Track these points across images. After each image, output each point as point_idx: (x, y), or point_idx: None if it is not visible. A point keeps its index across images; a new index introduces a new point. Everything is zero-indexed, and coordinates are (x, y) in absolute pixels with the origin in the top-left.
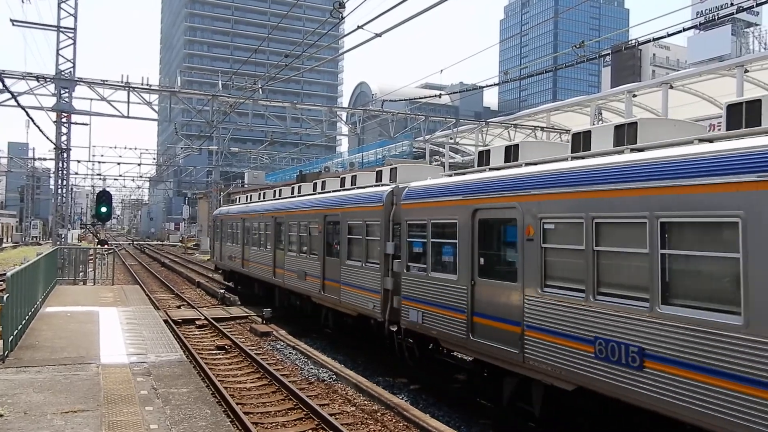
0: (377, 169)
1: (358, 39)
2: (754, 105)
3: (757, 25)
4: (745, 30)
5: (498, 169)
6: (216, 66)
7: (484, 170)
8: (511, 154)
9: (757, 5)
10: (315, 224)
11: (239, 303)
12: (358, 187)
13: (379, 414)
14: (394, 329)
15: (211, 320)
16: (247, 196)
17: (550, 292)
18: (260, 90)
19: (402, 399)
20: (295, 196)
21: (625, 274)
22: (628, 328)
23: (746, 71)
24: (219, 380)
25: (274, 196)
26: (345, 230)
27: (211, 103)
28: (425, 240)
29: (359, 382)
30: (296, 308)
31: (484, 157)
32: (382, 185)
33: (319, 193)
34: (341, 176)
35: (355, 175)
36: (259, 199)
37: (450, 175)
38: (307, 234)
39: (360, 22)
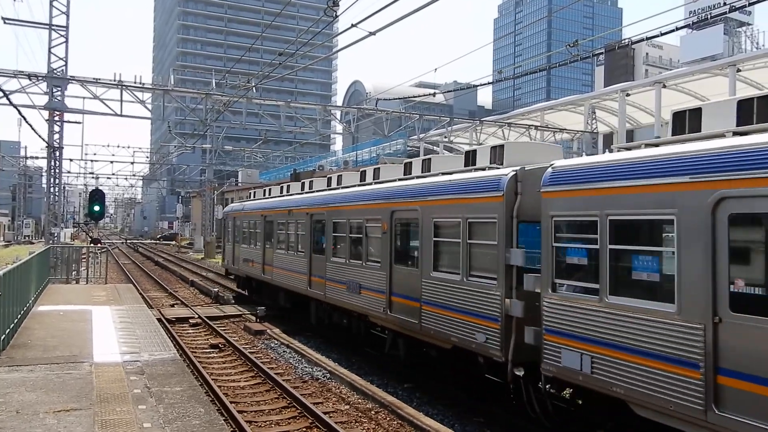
0: (466, 150)
1: (352, 37)
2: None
3: (749, 24)
4: (738, 29)
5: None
6: (209, 64)
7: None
8: None
9: (749, 5)
10: (375, 222)
11: (233, 302)
12: (438, 174)
13: (373, 412)
14: (521, 373)
15: (205, 319)
16: (265, 190)
17: None
18: (254, 88)
19: (396, 397)
20: (337, 188)
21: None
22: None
23: (738, 70)
24: (212, 379)
25: (304, 189)
26: (428, 230)
27: (204, 101)
28: (595, 245)
29: (353, 381)
30: (342, 327)
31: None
32: (481, 169)
33: (375, 182)
34: (404, 162)
35: (430, 159)
36: (284, 193)
37: (628, 149)
38: (363, 235)
39: (354, 21)
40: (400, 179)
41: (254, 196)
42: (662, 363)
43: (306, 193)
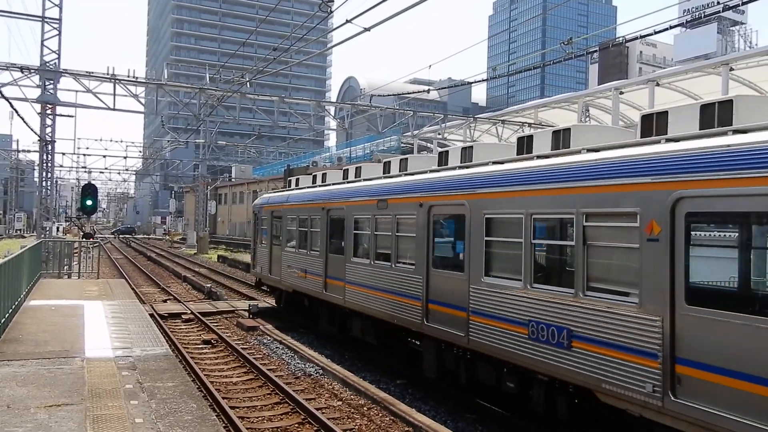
0: (519, 137)
1: (346, 33)
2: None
3: (742, 23)
4: (731, 28)
5: None
6: (203, 59)
7: None
8: None
9: (742, 4)
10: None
11: (225, 297)
12: (487, 164)
13: (365, 408)
14: None
15: (198, 314)
16: (317, 176)
17: None
18: (248, 83)
19: (388, 393)
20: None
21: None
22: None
23: (731, 69)
24: (205, 374)
25: (408, 169)
26: (479, 227)
27: (198, 96)
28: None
29: (346, 377)
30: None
31: None
32: (544, 157)
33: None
34: (439, 152)
35: (471, 147)
36: (358, 177)
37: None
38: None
39: (349, 16)
40: (433, 170)
41: (297, 184)
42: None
43: (404, 176)
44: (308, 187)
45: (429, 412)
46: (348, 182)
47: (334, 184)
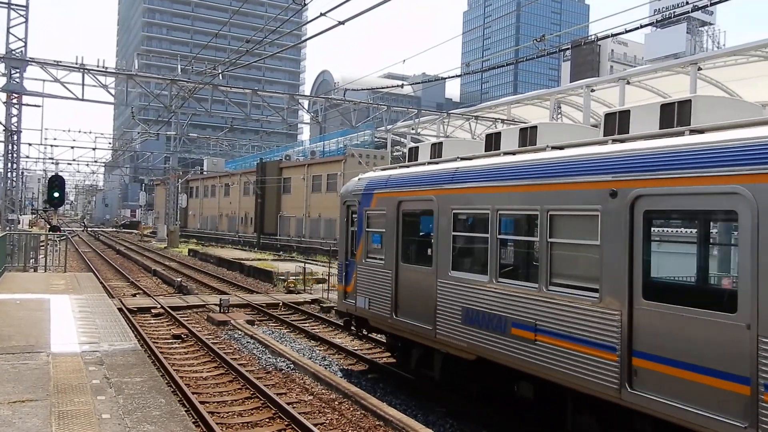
0: None
1: (320, 26)
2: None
3: (711, 24)
4: (700, 29)
5: None
6: (175, 50)
7: None
8: None
9: (712, 4)
10: None
11: (196, 292)
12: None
13: (336, 403)
14: None
15: (168, 309)
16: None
17: None
18: (220, 75)
19: (360, 388)
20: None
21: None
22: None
23: (700, 69)
24: (174, 369)
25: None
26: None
27: (169, 87)
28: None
29: (317, 371)
30: None
31: None
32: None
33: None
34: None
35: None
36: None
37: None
38: None
39: (323, 10)
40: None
41: (438, 153)
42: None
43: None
44: (483, 157)
45: (400, 406)
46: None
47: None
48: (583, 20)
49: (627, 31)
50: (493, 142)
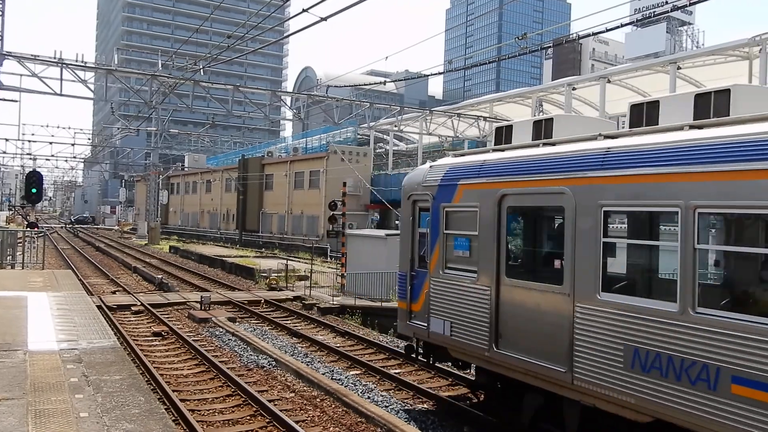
0: None
1: (303, 22)
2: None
3: (690, 24)
4: (679, 28)
5: None
6: (156, 45)
7: None
8: None
9: (691, 4)
10: None
11: (177, 289)
12: None
13: (318, 400)
14: None
15: (148, 306)
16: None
17: None
18: (202, 71)
19: (342, 385)
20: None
21: None
22: None
23: (679, 68)
24: (155, 367)
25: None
26: None
27: (149, 82)
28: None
29: (299, 369)
30: None
31: None
32: None
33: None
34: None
35: None
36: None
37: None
38: None
39: (305, 6)
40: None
41: (548, 132)
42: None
43: None
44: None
45: (381, 403)
46: None
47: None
48: (565, 19)
49: (607, 30)
50: (644, 113)
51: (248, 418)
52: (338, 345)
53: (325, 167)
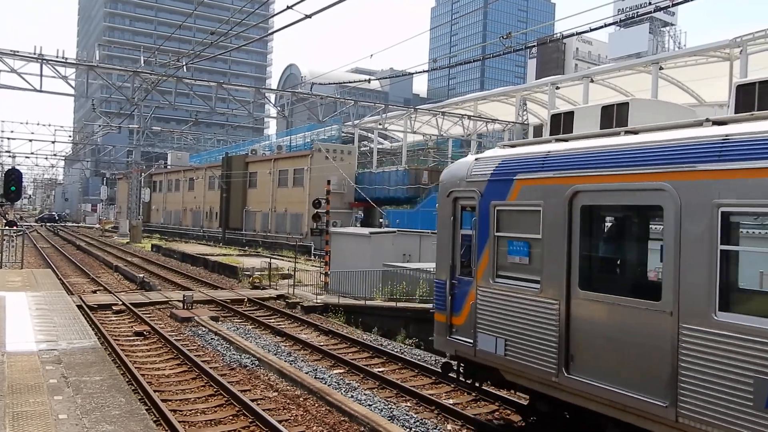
0: None
1: (287, 19)
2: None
3: (672, 24)
4: (662, 29)
5: None
6: (138, 41)
7: None
8: None
9: (673, 5)
10: None
11: (159, 288)
12: None
13: (301, 399)
14: None
15: (129, 305)
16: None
17: None
18: (185, 68)
19: (325, 384)
20: None
21: None
22: None
23: (661, 68)
24: (136, 367)
25: None
26: None
27: (132, 79)
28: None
29: (282, 368)
30: None
31: None
32: None
33: None
34: None
35: None
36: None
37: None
38: None
39: (290, 2)
40: None
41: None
42: None
43: None
44: None
45: (365, 402)
46: None
47: None
48: (549, 18)
49: (591, 30)
50: (757, 95)
51: (231, 417)
52: (322, 344)
53: (310, 165)
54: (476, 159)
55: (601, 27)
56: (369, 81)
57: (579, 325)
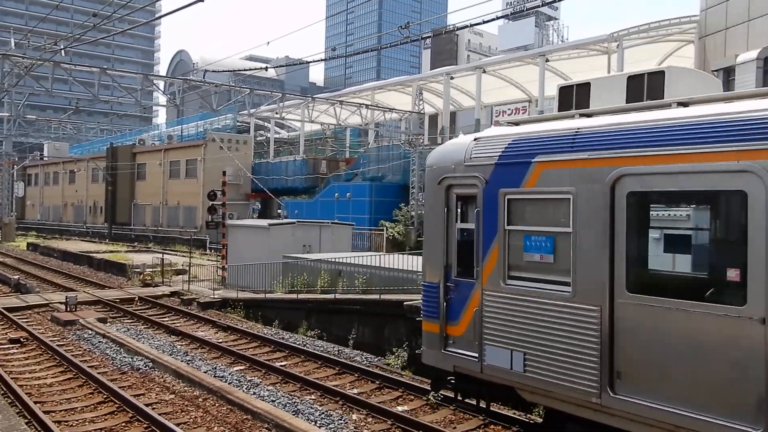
0: None
1: (178, 3)
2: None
3: (556, 19)
4: (546, 23)
5: None
6: (8, 21)
7: None
8: None
9: (555, 1)
10: None
11: (38, 290)
12: None
13: (200, 399)
14: None
15: (2, 310)
16: None
17: None
18: (63, 52)
19: (225, 382)
20: None
21: None
22: None
23: (547, 60)
24: (12, 378)
25: None
26: None
27: (1, 63)
28: None
29: (178, 368)
30: None
31: None
32: None
33: None
34: None
35: None
36: None
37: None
38: None
39: None
40: None
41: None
42: None
43: None
44: None
45: (267, 398)
46: None
47: None
48: (443, 10)
49: (484, 22)
50: None
51: (124, 424)
52: (220, 340)
53: (203, 156)
54: (476, 139)
55: (493, 20)
56: (266, 69)
57: (627, 336)
